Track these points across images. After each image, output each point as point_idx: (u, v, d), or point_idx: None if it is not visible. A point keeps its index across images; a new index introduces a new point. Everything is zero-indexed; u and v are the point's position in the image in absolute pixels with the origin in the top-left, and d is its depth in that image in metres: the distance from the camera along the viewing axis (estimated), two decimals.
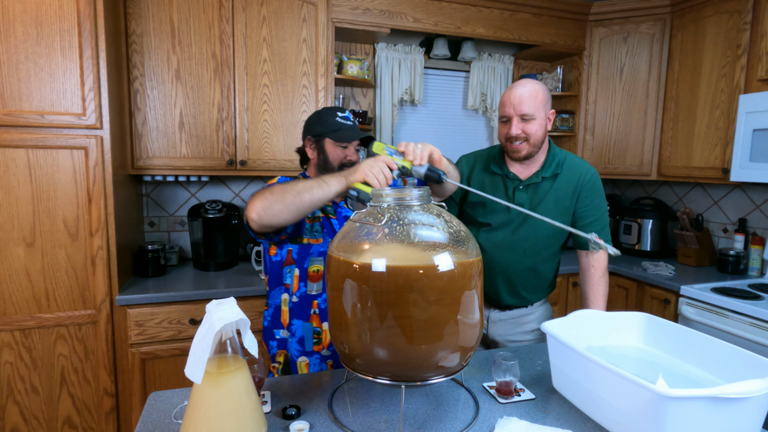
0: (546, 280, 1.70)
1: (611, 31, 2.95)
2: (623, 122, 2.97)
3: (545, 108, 1.53)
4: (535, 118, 1.51)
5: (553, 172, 1.60)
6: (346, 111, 1.53)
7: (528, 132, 1.52)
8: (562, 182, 1.60)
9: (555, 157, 1.62)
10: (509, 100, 1.52)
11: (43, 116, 1.85)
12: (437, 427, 1.00)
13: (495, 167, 1.65)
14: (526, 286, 1.66)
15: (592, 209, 1.60)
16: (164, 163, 2.29)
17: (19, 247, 1.87)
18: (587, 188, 1.60)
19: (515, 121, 1.51)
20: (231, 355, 0.88)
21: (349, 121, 1.51)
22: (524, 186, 1.60)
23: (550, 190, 1.59)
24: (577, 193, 1.59)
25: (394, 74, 2.89)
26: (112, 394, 2.04)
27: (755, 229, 2.69)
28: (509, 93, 1.53)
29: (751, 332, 2.00)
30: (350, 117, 1.52)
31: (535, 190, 1.60)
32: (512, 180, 1.62)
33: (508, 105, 1.53)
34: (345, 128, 1.49)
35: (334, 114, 1.51)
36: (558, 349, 1.11)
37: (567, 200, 1.59)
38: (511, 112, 1.52)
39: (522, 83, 1.53)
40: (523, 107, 1.49)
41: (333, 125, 1.48)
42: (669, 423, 0.84)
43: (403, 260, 0.90)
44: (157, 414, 1.04)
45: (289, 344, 1.46)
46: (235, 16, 2.30)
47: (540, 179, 1.59)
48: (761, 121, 2.23)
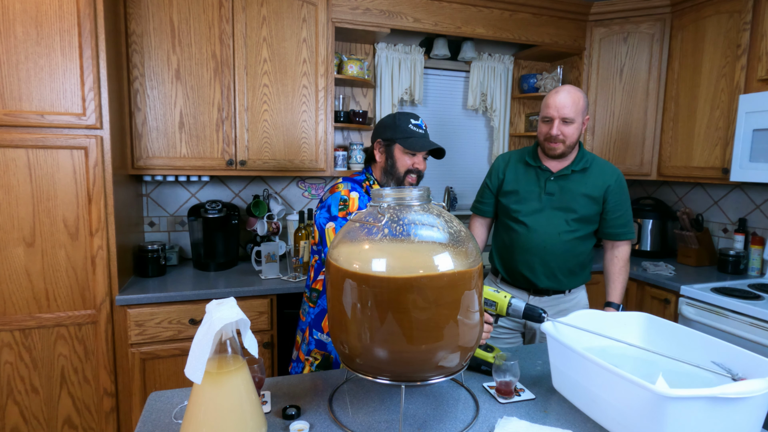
0: (581, 264, 1.82)
1: (611, 31, 2.95)
2: (623, 122, 2.97)
3: (583, 114, 1.72)
4: (575, 122, 1.69)
5: (582, 167, 1.77)
6: (420, 119, 1.55)
7: (566, 134, 1.70)
8: (591, 177, 1.77)
9: (584, 155, 1.80)
10: (554, 102, 1.69)
11: (43, 116, 1.85)
12: (437, 427, 1.00)
13: (530, 159, 1.83)
14: (562, 269, 1.78)
15: (620, 205, 1.78)
16: (164, 163, 2.29)
17: (19, 247, 1.87)
18: (615, 187, 1.77)
19: (557, 123, 1.69)
20: (231, 355, 0.88)
21: (421, 129, 1.53)
22: (555, 177, 1.78)
23: (580, 182, 1.77)
24: (606, 191, 1.76)
25: (394, 74, 2.89)
26: (112, 394, 2.04)
27: (755, 229, 2.69)
28: (555, 96, 1.70)
29: (751, 332, 2.00)
30: (422, 125, 1.55)
31: (566, 181, 1.77)
32: (545, 171, 1.79)
33: (552, 107, 1.70)
34: (417, 137, 1.51)
35: (407, 120, 1.53)
36: (558, 349, 1.11)
37: (596, 193, 1.76)
38: (555, 114, 1.69)
39: (566, 89, 1.71)
40: (565, 111, 1.67)
41: (405, 132, 1.50)
42: (669, 423, 0.84)
43: (404, 260, 0.89)
44: (157, 414, 1.04)
45: (331, 347, 1.47)
46: (235, 16, 2.30)
47: (570, 172, 1.77)
48: (761, 121, 2.23)
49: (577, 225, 1.76)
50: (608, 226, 1.80)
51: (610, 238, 1.82)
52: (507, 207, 1.83)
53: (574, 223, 1.76)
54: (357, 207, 1.45)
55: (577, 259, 1.80)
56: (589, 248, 1.84)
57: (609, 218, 1.79)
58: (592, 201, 1.76)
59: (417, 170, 1.53)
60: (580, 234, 1.78)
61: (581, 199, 1.75)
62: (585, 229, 1.79)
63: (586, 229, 1.79)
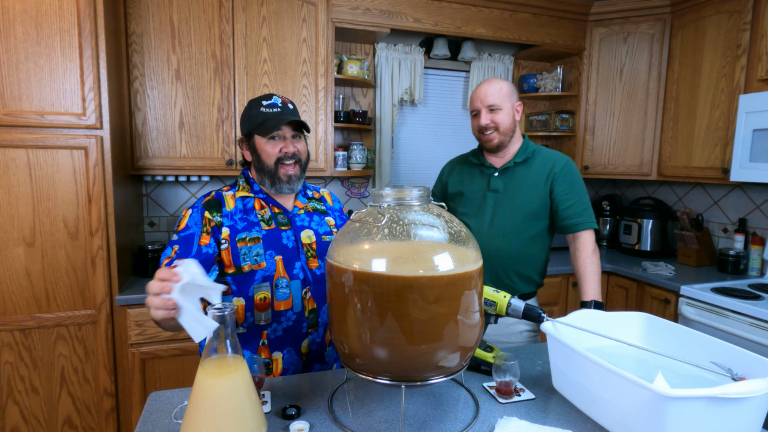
0: (532, 267, 1.70)
1: (611, 31, 2.95)
2: (623, 122, 2.97)
3: (511, 99, 1.68)
4: (502, 108, 1.66)
5: (525, 158, 1.71)
6: (273, 97, 1.34)
7: (496, 121, 1.66)
8: (535, 168, 1.70)
9: (528, 147, 1.74)
10: (477, 95, 1.69)
11: (43, 116, 1.85)
12: (437, 427, 1.00)
13: (473, 159, 1.81)
14: (508, 273, 1.67)
15: (570, 194, 1.66)
16: (164, 163, 2.29)
17: (19, 247, 1.87)
18: (561, 174, 1.67)
19: (483, 113, 1.67)
20: (231, 355, 0.88)
21: (275, 108, 1.31)
22: (499, 172, 1.73)
23: (524, 175, 1.70)
24: (551, 179, 1.67)
25: (394, 74, 2.89)
26: (112, 394, 2.04)
27: (755, 229, 2.69)
28: (476, 90, 1.70)
29: (751, 332, 2.00)
30: (278, 102, 1.33)
31: (509, 175, 1.72)
32: (488, 168, 1.75)
33: (476, 100, 1.69)
34: (270, 117, 1.30)
35: (258, 105, 1.33)
36: (558, 349, 1.11)
37: (541, 185, 1.68)
38: (479, 105, 1.68)
39: (487, 81, 1.70)
40: (489, 99, 1.65)
41: (258, 117, 1.31)
42: (669, 423, 0.84)
43: (404, 260, 0.89)
44: (157, 414, 1.04)
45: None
46: (235, 16, 2.30)
47: (512, 164, 1.71)
48: (761, 121, 2.23)
49: (524, 224, 1.67)
50: (561, 218, 1.65)
51: (567, 231, 1.67)
52: (455, 210, 1.78)
53: (521, 222, 1.66)
54: (185, 225, 1.27)
55: (526, 261, 1.69)
56: (541, 248, 1.72)
57: (560, 209, 1.65)
58: (535, 192, 1.66)
59: (288, 155, 1.31)
60: (528, 234, 1.67)
61: (526, 193, 1.67)
62: (533, 228, 1.68)
63: (534, 227, 1.68)
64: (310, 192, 1.49)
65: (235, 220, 1.31)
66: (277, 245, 1.32)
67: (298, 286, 1.33)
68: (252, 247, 1.29)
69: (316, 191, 1.52)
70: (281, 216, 1.36)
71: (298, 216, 1.39)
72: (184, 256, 1.21)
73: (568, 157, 1.72)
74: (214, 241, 1.27)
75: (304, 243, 1.36)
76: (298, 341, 1.34)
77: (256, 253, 1.29)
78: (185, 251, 1.23)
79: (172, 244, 1.25)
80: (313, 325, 1.36)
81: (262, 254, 1.29)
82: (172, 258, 1.21)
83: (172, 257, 1.21)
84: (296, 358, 1.34)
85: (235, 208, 1.32)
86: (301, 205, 1.41)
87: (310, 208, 1.43)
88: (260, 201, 1.36)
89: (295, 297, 1.32)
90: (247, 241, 1.29)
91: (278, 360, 1.32)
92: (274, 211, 1.36)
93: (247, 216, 1.32)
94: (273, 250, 1.31)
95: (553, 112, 3.14)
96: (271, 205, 1.36)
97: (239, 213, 1.32)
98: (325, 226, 1.44)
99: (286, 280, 1.31)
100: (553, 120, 3.13)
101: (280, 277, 1.31)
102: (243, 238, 1.29)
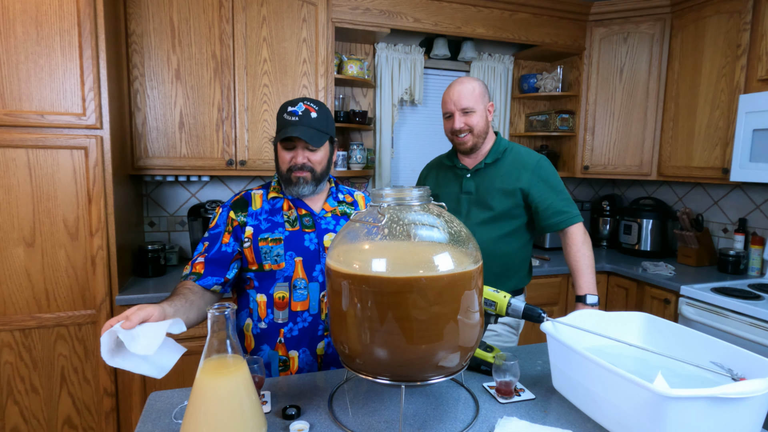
0: (512, 266, 1.70)
1: (611, 31, 2.95)
2: (623, 122, 2.97)
3: (483, 101, 1.66)
4: (476, 110, 1.64)
5: (495, 158, 1.70)
6: (299, 103, 1.29)
7: (470, 124, 1.65)
8: (506, 168, 1.69)
9: (500, 146, 1.72)
10: (449, 97, 1.66)
11: (43, 116, 1.85)
12: (437, 427, 1.00)
13: (447, 161, 1.81)
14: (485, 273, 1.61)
15: (546, 194, 1.64)
16: (164, 163, 2.29)
17: (19, 247, 1.86)
18: (534, 176, 1.65)
19: (457, 116, 1.65)
20: (231, 355, 0.88)
21: (295, 116, 1.27)
22: (471, 174, 1.73)
23: (495, 176, 1.70)
24: (522, 180, 1.64)
25: (394, 74, 2.89)
26: (112, 394, 2.04)
27: (755, 229, 2.69)
28: (448, 91, 1.67)
29: (751, 332, 2.00)
30: (298, 111, 1.28)
31: (481, 176, 1.72)
32: (461, 170, 1.76)
33: (449, 102, 1.66)
34: (287, 125, 1.27)
35: (284, 110, 1.30)
36: (558, 349, 1.11)
37: (510, 185, 1.66)
38: (452, 107, 1.65)
39: (459, 81, 1.66)
40: (462, 102, 1.63)
41: (279, 123, 1.30)
42: (669, 423, 0.84)
43: (404, 261, 0.89)
44: (157, 414, 1.04)
45: None
46: (235, 16, 2.30)
47: (483, 165, 1.71)
48: (761, 121, 2.23)
49: (495, 224, 1.67)
50: (543, 218, 1.65)
51: (551, 230, 1.68)
52: None
53: (492, 222, 1.67)
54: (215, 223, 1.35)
55: (504, 258, 1.68)
56: (518, 247, 1.71)
57: (540, 210, 1.64)
58: (506, 195, 1.66)
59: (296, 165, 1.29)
60: (500, 233, 1.67)
61: (496, 194, 1.66)
62: (505, 227, 1.67)
63: (507, 226, 1.67)
64: (342, 195, 1.45)
65: (260, 220, 1.33)
66: (299, 247, 1.32)
67: (316, 288, 1.33)
68: (273, 248, 1.31)
69: (350, 194, 1.48)
70: (307, 218, 1.36)
71: (324, 219, 1.37)
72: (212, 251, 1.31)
73: (540, 156, 1.69)
74: (233, 240, 1.32)
75: (326, 246, 1.35)
76: (313, 343, 1.34)
77: (276, 254, 1.31)
78: (211, 248, 1.32)
79: (203, 240, 1.34)
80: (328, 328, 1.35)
81: (282, 255, 1.31)
82: (202, 252, 1.31)
83: (203, 251, 1.31)
84: (311, 359, 1.35)
85: (261, 208, 1.35)
86: (330, 208, 1.40)
87: (338, 211, 1.40)
88: (288, 202, 1.37)
89: (313, 299, 1.33)
90: (269, 241, 1.31)
91: (294, 358, 1.34)
92: (300, 213, 1.36)
93: (272, 217, 1.34)
94: (293, 251, 1.32)
95: (553, 112, 3.14)
96: (298, 207, 1.37)
97: (265, 213, 1.34)
98: None
99: (305, 282, 1.32)
100: (553, 120, 3.13)
101: (299, 278, 1.32)
102: (265, 238, 1.31)
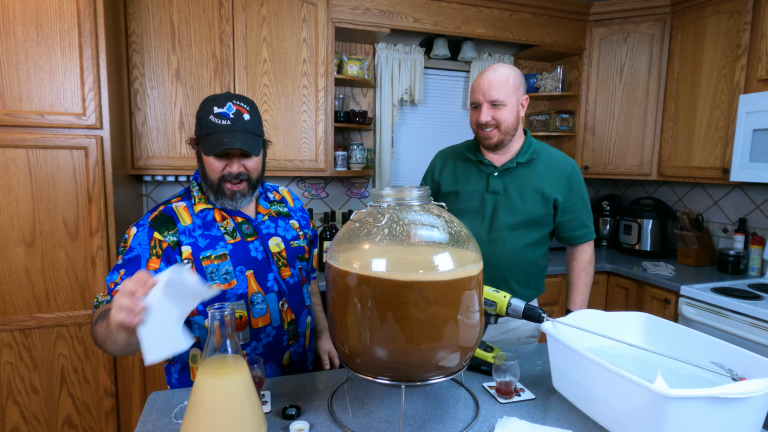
0: (532, 274, 1.62)
1: (611, 31, 2.95)
2: (623, 122, 2.97)
3: (517, 94, 1.49)
4: (506, 104, 1.47)
5: (529, 158, 1.56)
6: (227, 103, 1.12)
7: (498, 119, 1.48)
8: (539, 171, 1.55)
9: (531, 145, 1.58)
10: (479, 85, 1.49)
11: (43, 116, 1.85)
12: (437, 427, 1.00)
13: (470, 154, 1.62)
14: (507, 280, 1.58)
15: (576, 204, 1.58)
16: (164, 163, 2.29)
17: (19, 247, 1.86)
18: (569, 183, 1.55)
19: (485, 108, 1.48)
20: (231, 355, 0.88)
21: (226, 119, 1.10)
22: (499, 172, 1.57)
23: (526, 177, 1.55)
24: (558, 187, 1.55)
25: (394, 74, 2.89)
26: (112, 394, 2.04)
27: (755, 229, 2.69)
28: (479, 78, 1.49)
29: (751, 332, 2.00)
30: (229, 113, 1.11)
31: (511, 176, 1.56)
32: (487, 166, 1.58)
33: (477, 91, 1.49)
34: (216, 131, 1.10)
35: (209, 110, 1.12)
36: (558, 349, 1.11)
37: (545, 191, 1.54)
38: (481, 98, 1.48)
39: (493, 68, 1.48)
40: (492, 93, 1.46)
41: (205, 127, 1.12)
42: (669, 423, 0.84)
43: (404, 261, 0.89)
44: (157, 414, 1.04)
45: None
46: (235, 16, 2.30)
47: (515, 165, 1.55)
48: (761, 121, 2.23)
49: (525, 230, 1.54)
50: (565, 229, 1.59)
51: (570, 243, 1.62)
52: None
53: (522, 227, 1.54)
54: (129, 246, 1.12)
55: (526, 266, 1.57)
56: (542, 255, 1.62)
57: (566, 220, 1.57)
58: (542, 199, 1.54)
59: (232, 175, 1.15)
60: (529, 240, 1.56)
61: (530, 197, 1.53)
62: (535, 234, 1.56)
63: (536, 234, 1.56)
64: (270, 194, 1.37)
65: (196, 237, 1.18)
66: (246, 259, 1.21)
67: (274, 299, 1.25)
68: (220, 265, 1.17)
69: (276, 191, 1.40)
70: (246, 226, 1.24)
71: (263, 224, 1.27)
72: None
73: (574, 162, 1.59)
74: (165, 264, 1.12)
75: (273, 252, 1.27)
76: (279, 355, 1.29)
77: (225, 271, 1.17)
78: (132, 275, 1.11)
79: (117, 268, 1.10)
80: (293, 337, 1.31)
81: (231, 271, 1.18)
82: (117, 283, 1.08)
83: (118, 282, 1.08)
84: (278, 372, 1.30)
85: (192, 224, 1.19)
86: (265, 211, 1.30)
87: (273, 212, 1.32)
88: (220, 212, 1.23)
89: (273, 311, 1.25)
90: (213, 259, 1.17)
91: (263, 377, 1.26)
92: (237, 222, 1.23)
93: (208, 231, 1.19)
94: (243, 266, 1.20)
95: (553, 112, 3.14)
96: (233, 216, 1.24)
97: (198, 229, 1.19)
98: (291, 230, 1.34)
99: (262, 295, 1.23)
100: (553, 120, 3.13)
101: (255, 292, 1.22)
102: (208, 256, 1.17)
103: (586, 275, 1.62)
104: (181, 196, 1.25)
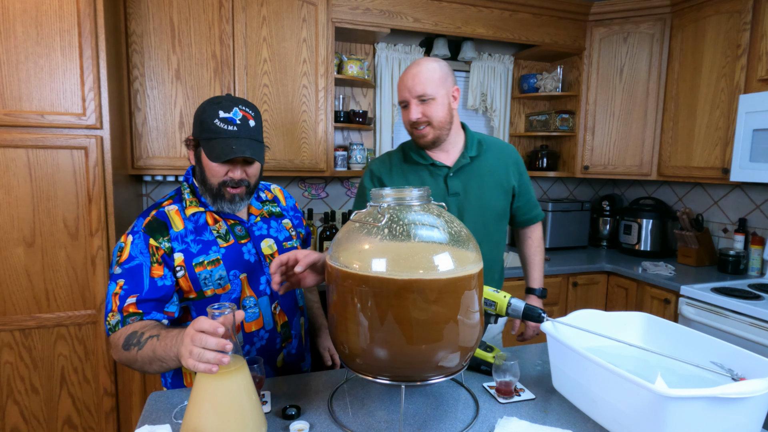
0: (496, 271, 1.59)
1: (611, 31, 2.95)
2: (623, 122, 2.97)
3: (445, 85, 1.41)
4: (435, 97, 1.39)
5: (478, 150, 1.50)
6: (234, 109, 1.11)
7: (429, 114, 1.40)
8: (493, 160, 1.51)
9: (474, 137, 1.52)
10: (404, 83, 1.40)
11: (43, 116, 1.85)
12: (437, 427, 1.00)
13: (417, 157, 1.49)
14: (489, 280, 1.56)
15: (527, 187, 1.60)
16: (164, 163, 2.29)
17: (19, 247, 1.87)
18: (519, 167, 1.57)
19: (413, 104, 1.40)
20: (231, 355, 0.88)
21: (232, 125, 1.09)
22: (454, 172, 1.48)
23: (483, 171, 1.49)
24: (513, 170, 1.54)
25: (394, 74, 2.89)
26: (112, 394, 2.04)
27: (755, 229, 2.69)
28: (404, 75, 1.41)
29: (751, 332, 2.00)
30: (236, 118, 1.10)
31: (468, 173, 1.48)
32: (440, 168, 1.48)
33: (403, 88, 1.41)
34: (222, 137, 1.09)
35: (214, 114, 1.10)
36: (558, 349, 1.11)
37: (503, 177, 1.51)
38: (407, 95, 1.40)
39: (417, 62, 1.41)
40: (418, 88, 1.38)
41: (209, 131, 1.10)
42: (669, 423, 0.84)
43: (404, 261, 0.89)
44: (157, 414, 1.04)
45: None
46: (235, 16, 2.30)
47: (468, 160, 1.48)
48: (761, 121, 2.23)
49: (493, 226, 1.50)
50: (522, 213, 1.56)
51: (526, 225, 1.61)
52: None
53: (492, 224, 1.48)
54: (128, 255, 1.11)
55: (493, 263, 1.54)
56: (503, 249, 1.59)
57: (521, 204, 1.56)
58: (502, 190, 1.50)
59: (233, 180, 1.14)
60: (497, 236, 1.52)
61: (492, 192, 1.48)
62: (501, 228, 1.52)
63: (502, 228, 1.52)
64: (263, 193, 1.37)
65: (188, 243, 1.16)
66: (239, 262, 1.19)
67: (266, 302, 1.25)
68: (213, 271, 1.16)
69: (268, 190, 1.40)
70: (238, 227, 1.23)
71: (255, 225, 1.27)
72: (135, 290, 1.08)
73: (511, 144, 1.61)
74: (168, 270, 1.13)
75: (266, 254, 1.26)
76: (273, 358, 1.29)
77: (218, 276, 1.17)
78: (135, 286, 1.08)
79: (115, 278, 1.10)
80: (286, 339, 1.31)
81: (225, 276, 1.18)
82: (119, 294, 1.08)
83: (120, 293, 1.08)
84: (272, 374, 1.30)
85: (185, 229, 1.17)
86: (257, 212, 1.29)
87: (266, 213, 1.31)
88: (212, 215, 1.22)
89: (266, 315, 1.25)
90: (206, 265, 1.16)
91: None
92: (229, 224, 1.23)
93: (200, 236, 1.18)
94: (236, 269, 1.19)
95: (553, 112, 3.14)
96: (225, 218, 1.23)
97: (191, 234, 1.17)
98: (284, 231, 1.34)
99: (254, 299, 1.23)
100: (553, 120, 3.13)
101: (247, 296, 1.22)
102: (201, 262, 1.15)
103: (541, 251, 1.67)
104: (172, 198, 1.23)
